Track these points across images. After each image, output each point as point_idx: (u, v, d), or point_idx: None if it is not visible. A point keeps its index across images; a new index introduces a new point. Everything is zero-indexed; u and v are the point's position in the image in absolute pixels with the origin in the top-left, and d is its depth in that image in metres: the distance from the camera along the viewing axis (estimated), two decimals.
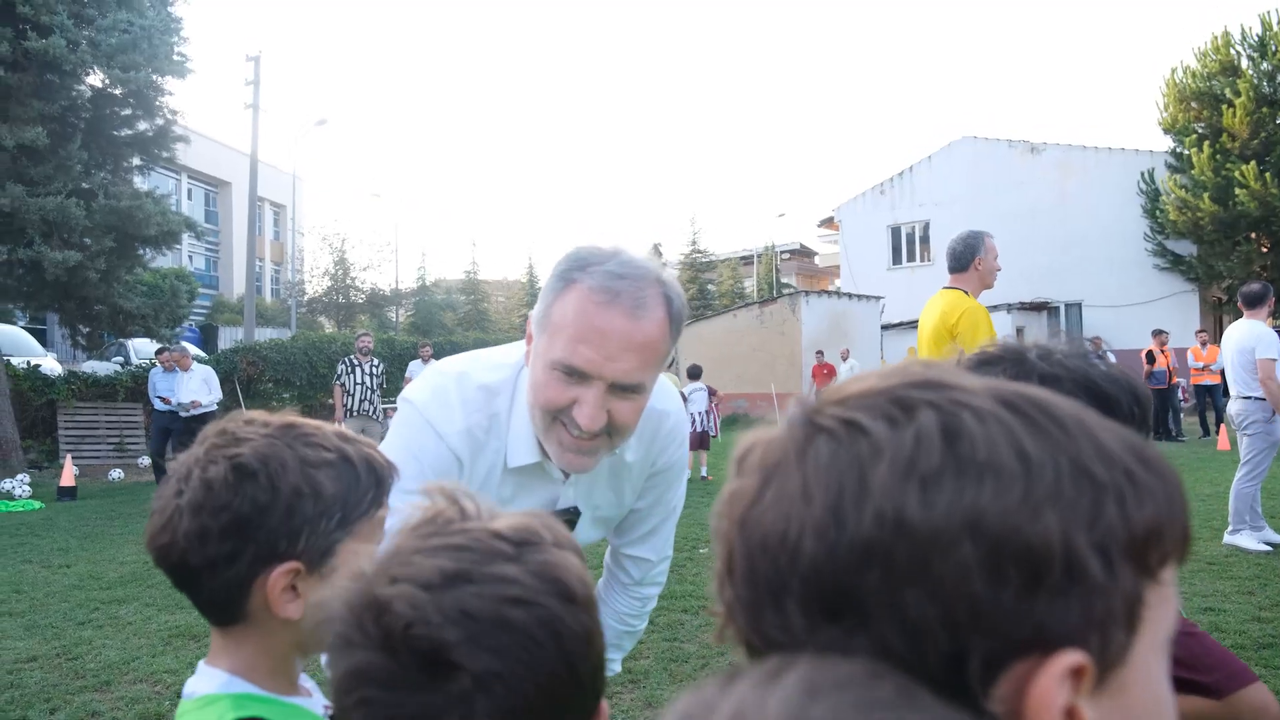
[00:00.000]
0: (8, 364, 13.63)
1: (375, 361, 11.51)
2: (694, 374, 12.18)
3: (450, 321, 38.58)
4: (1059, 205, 24.29)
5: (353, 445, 1.00)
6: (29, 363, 15.10)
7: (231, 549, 0.92)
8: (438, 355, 14.05)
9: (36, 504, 10.41)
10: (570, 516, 1.62)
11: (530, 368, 1.43)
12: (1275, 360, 5.91)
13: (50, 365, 16.45)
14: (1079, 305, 24.19)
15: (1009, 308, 22.74)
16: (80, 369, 16.80)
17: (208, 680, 0.97)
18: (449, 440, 1.49)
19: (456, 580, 0.66)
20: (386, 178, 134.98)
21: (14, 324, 18.97)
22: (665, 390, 1.65)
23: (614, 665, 1.97)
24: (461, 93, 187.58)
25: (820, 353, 19.71)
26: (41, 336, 23.10)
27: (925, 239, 26.75)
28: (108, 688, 4.18)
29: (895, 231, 27.70)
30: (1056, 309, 24.31)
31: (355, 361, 11.33)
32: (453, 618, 0.64)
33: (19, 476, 11.49)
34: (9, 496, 10.78)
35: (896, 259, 27.67)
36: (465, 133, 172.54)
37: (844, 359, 19.81)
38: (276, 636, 0.97)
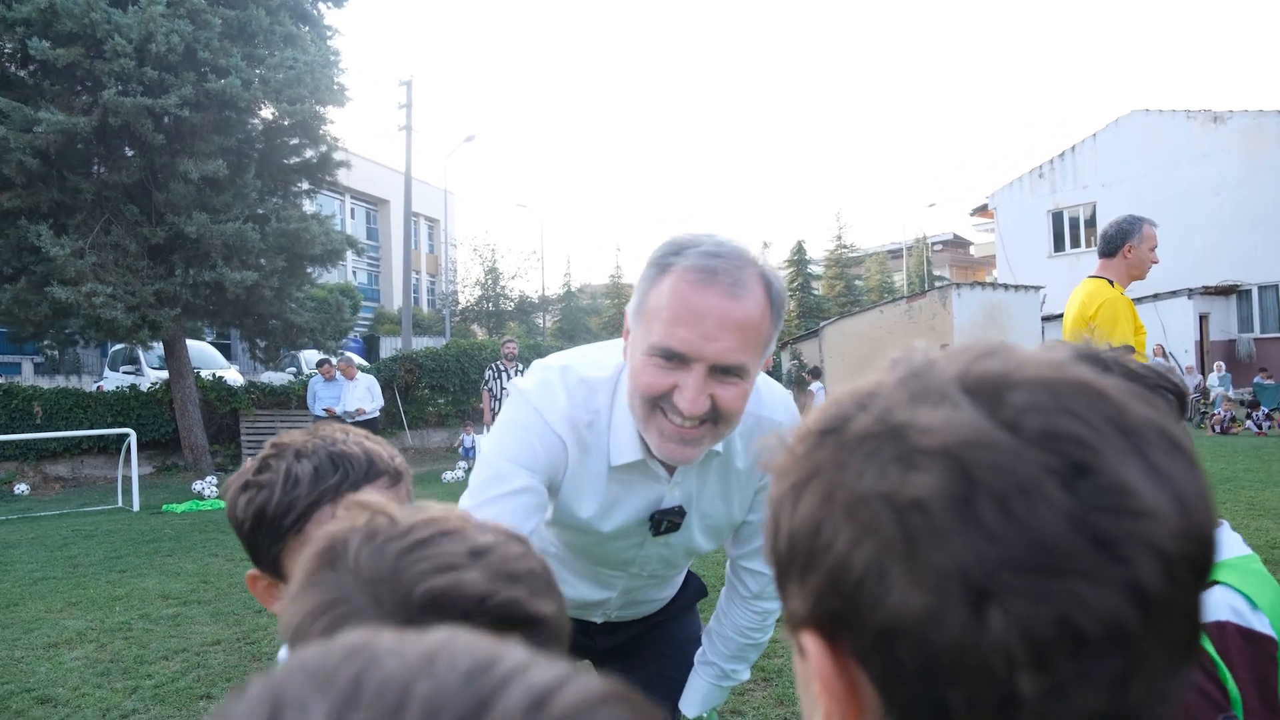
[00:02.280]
0: (197, 376, 14.97)
1: (520, 366, 11.92)
2: (815, 374, 12.04)
3: (595, 326, 39.34)
4: (1248, 178, 22.21)
5: (298, 460, 1.09)
6: (215, 374, 16.48)
7: (251, 548, 1.12)
8: None
9: (222, 503, 11.34)
10: (674, 517, 1.59)
11: (629, 359, 1.41)
12: None
13: (233, 376, 17.89)
14: (1275, 287, 22.06)
15: (1190, 293, 21.03)
16: (259, 379, 18.20)
17: None
18: (555, 426, 1.50)
19: None
20: (532, 188, 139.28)
21: (201, 339, 20.73)
22: (780, 399, 1.63)
23: (741, 674, 1.94)
24: (603, 99, 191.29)
25: (944, 346, 18.73)
26: (225, 350, 25.17)
27: (1091, 223, 25.14)
28: None
29: (1057, 216, 26.20)
30: (1247, 292, 22.28)
31: (501, 367, 11.78)
32: None
33: (208, 479, 12.59)
34: (199, 496, 11.84)
35: (1059, 245, 26.16)
36: (607, 139, 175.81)
37: None
38: None
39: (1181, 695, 0.42)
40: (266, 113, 13.90)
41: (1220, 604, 1.16)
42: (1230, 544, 1.25)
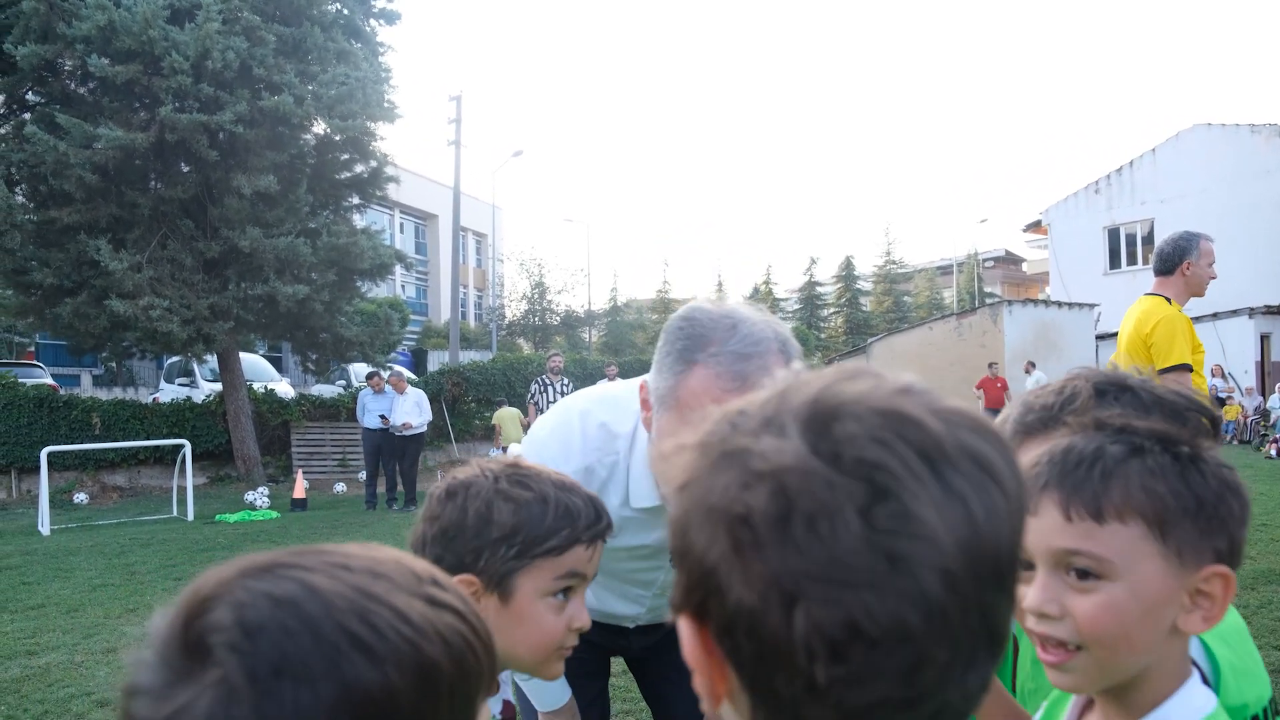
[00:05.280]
0: (250, 388, 15.20)
1: (565, 380, 11.90)
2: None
3: (641, 340, 39.40)
4: None
5: (562, 491, 1.14)
6: (266, 387, 16.77)
7: (436, 554, 1.09)
8: (625, 375, 14.34)
9: (274, 514, 11.52)
10: None
11: (655, 441, 1.45)
12: None
13: (284, 389, 18.19)
14: None
15: (1251, 312, 20.37)
16: (309, 392, 18.46)
17: None
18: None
19: None
20: (580, 202, 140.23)
21: (254, 352, 21.11)
22: None
23: None
24: (651, 114, 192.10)
25: (993, 364, 18.44)
26: (277, 363, 25.64)
27: (1149, 239, 24.50)
28: None
29: (1113, 233, 25.61)
30: None
31: (548, 381, 11.78)
32: None
33: (260, 489, 12.75)
34: (251, 507, 12.00)
35: (1114, 263, 25.56)
36: (656, 153, 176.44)
37: (1027, 372, 18.40)
38: None
39: (985, 683, 0.50)
40: (318, 128, 14.10)
41: None
42: None
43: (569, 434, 1.63)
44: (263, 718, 0.48)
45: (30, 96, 13.86)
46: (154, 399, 18.35)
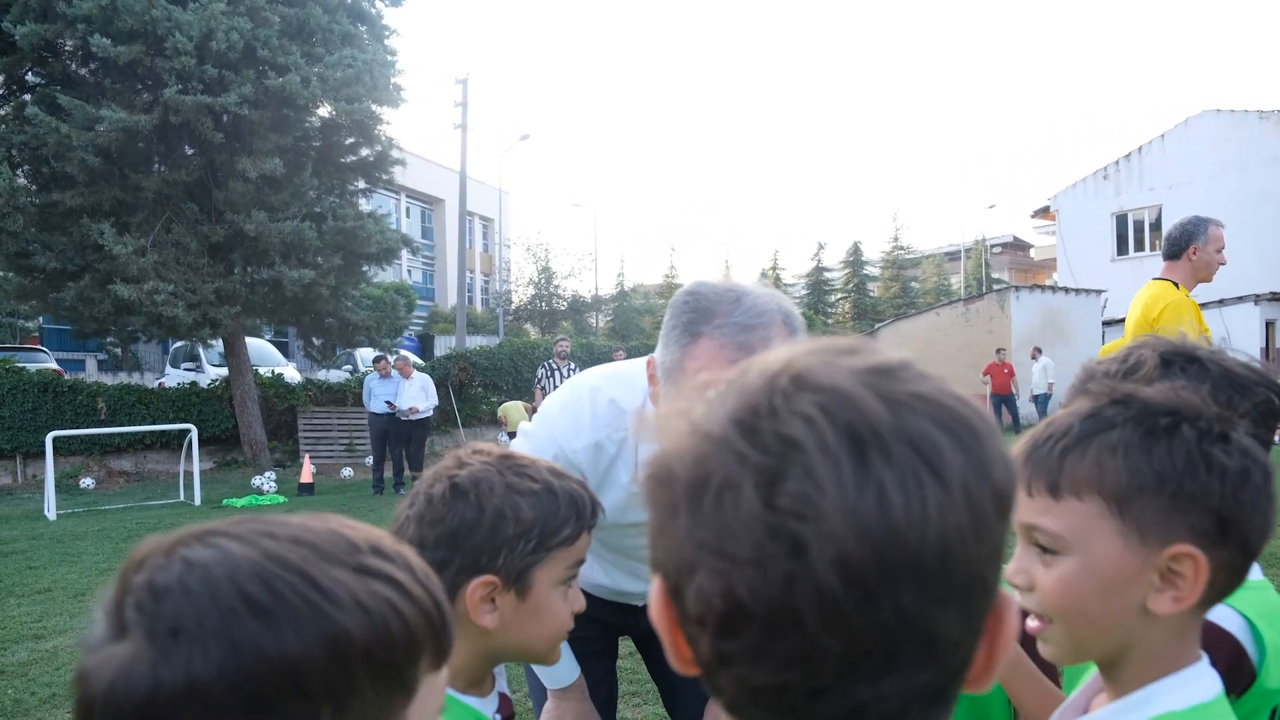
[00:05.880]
0: (256, 373, 15.17)
1: (573, 365, 11.86)
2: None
3: (649, 325, 39.34)
4: None
5: (560, 479, 1.13)
6: (273, 371, 16.72)
7: (442, 558, 1.05)
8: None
9: (281, 499, 11.51)
10: None
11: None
12: None
13: (291, 374, 18.13)
14: None
15: (1256, 299, 20.29)
16: (316, 377, 18.42)
17: None
18: (572, 456, 1.62)
19: None
20: (587, 187, 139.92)
21: (260, 337, 21.07)
22: None
23: None
24: (657, 98, 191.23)
25: (1000, 350, 18.46)
26: (283, 348, 25.58)
27: (1157, 226, 24.40)
28: None
29: (1121, 219, 25.51)
30: None
31: (554, 365, 11.75)
32: None
33: (267, 474, 12.74)
34: (259, 492, 11.98)
35: (1122, 249, 25.49)
36: (663, 138, 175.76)
37: (1033, 357, 18.41)
38: (472, 643, 1.09)
39: (921, 690, 0.46)
40: (324, 111, 13.97)
41: (1224, 618, 1.05)
42: None
43: (579, 410, 1.64)
44: (158, 676, 0.50)
45: (30, 77, 13.72)
46: (160, 384, 18.30)
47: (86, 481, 13.36)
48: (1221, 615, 1.03)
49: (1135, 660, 0.87)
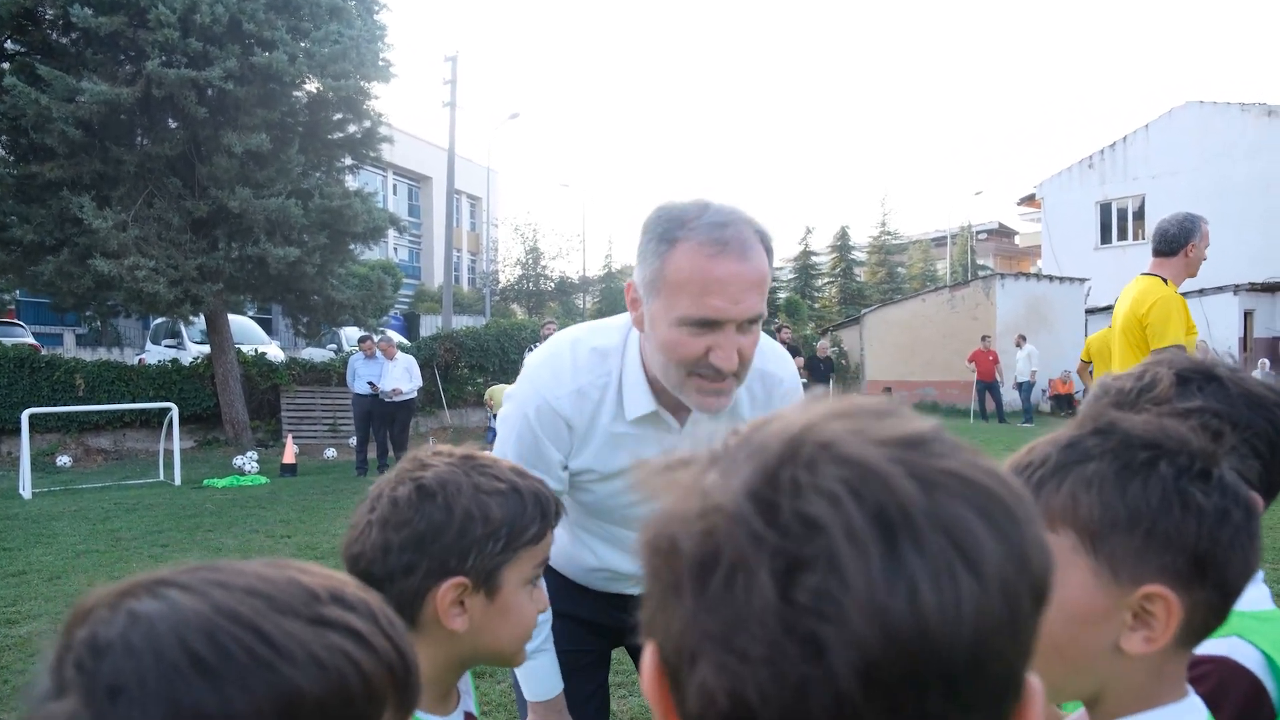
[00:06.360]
0: (239, 351, 15.00)
1: None
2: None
3: None
4: None
5: (524, 479, 1.11)
6: (256, 350, 16.52)
7: (409, 562, 1.03)
8: None
9: (263, 479, 11.39)
10: None
11: (650, 330, 1.49)
12: None
13: (274, 352, 17.93)
14: None
15: (1235, 289, 20.44)
16: (300, 356, 18.25)
17: None
18: (556, 404, 1.63)
19: None
20: (575, 167, 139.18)
21: (243, 315, 20.80)
22: (778, 356, 1.76)
23: None
24: (647, 81, 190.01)
25: (986, 337, 18.62)
26: (267, 326, 25.30)
27: (1140, 215, 24.56)
28: None
29: (1105, 208, 25.63)
30: None
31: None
32: None
33: (249, 454, 12.61)
34: (240, 472, 11.85)
35: (1105, 238, 25.64)
36: (652, 119, 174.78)
37: (1019, 345, 18.59)
38: (441, 648, 1.08)
39: None
40: (311, 87, 13.76)
41: (1240, 653, 1.01)
42: (1254, 597, 1.08)
43: (559, 361, 1.67)
44: None
45: (9, 45, 13.41)
46: (140, 360, 18.09)
47: (63, 460, 13.18)
48: (1238, 650, 1.00)
49: (1113, 699, 0.84)
